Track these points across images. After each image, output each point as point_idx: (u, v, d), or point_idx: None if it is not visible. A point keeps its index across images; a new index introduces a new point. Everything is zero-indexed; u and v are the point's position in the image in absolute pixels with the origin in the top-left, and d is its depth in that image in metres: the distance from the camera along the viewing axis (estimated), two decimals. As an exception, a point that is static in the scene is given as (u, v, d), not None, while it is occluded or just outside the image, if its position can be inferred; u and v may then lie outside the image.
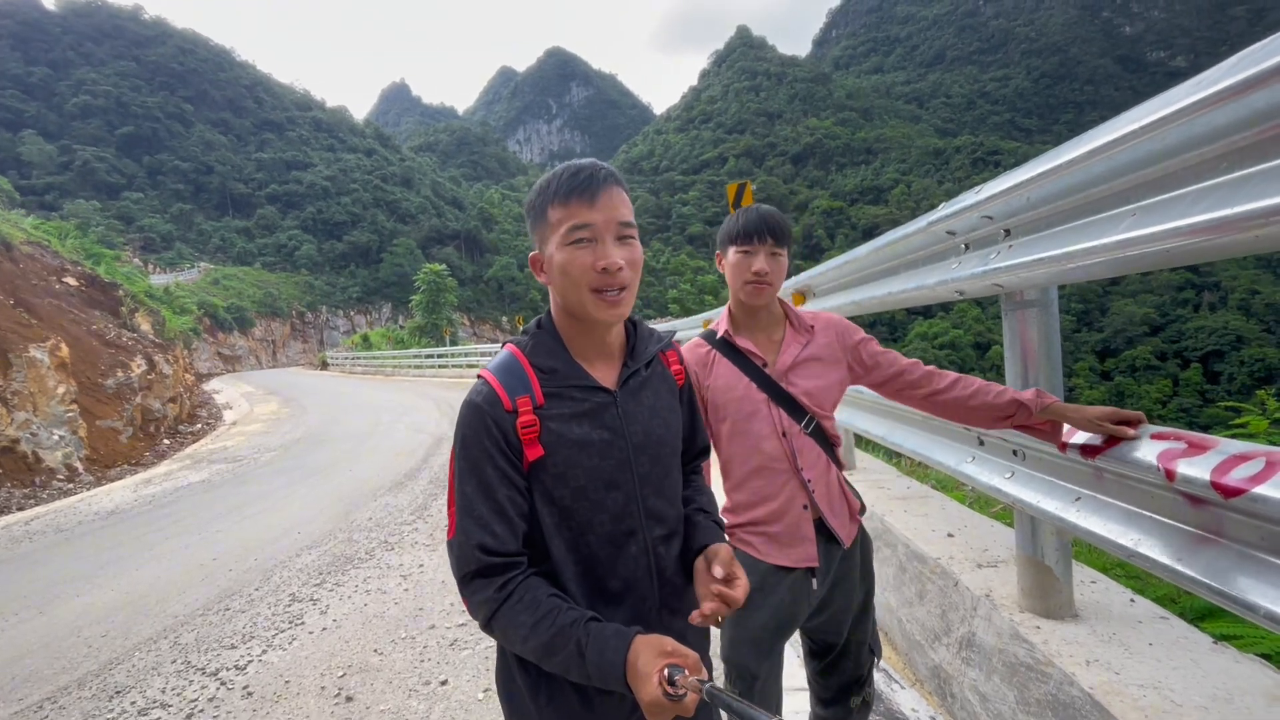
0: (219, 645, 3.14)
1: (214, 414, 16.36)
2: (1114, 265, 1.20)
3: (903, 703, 2.02)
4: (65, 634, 3.50)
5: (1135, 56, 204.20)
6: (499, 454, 0.89)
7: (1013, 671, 1.62)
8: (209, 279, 63.60)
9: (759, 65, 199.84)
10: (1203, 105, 0.92)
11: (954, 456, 1.92)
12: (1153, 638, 1.55)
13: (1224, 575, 0.98)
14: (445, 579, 3.77)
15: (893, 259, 2.28)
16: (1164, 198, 1.05)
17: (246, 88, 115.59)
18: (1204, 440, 1.02)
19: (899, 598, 2.33)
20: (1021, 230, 1.54)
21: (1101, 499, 1.30)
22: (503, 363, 0.96)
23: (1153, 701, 1.31)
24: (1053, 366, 1.63)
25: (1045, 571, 1.70)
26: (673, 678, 0.76)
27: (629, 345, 1.01)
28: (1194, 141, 0.98)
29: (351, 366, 34.95)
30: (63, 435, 9.67)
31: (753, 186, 5.22)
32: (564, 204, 0.89)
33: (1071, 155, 1.23)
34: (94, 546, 5.36)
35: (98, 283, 16.07)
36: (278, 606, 3.58)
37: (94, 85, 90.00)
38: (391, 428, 10.93)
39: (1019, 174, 1.46)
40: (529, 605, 0.86)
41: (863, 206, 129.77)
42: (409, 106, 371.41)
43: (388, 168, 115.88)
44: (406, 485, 6.46)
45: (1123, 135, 1.08)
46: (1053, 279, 1.47)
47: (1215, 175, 0.95)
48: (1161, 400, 63.21)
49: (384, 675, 2.67)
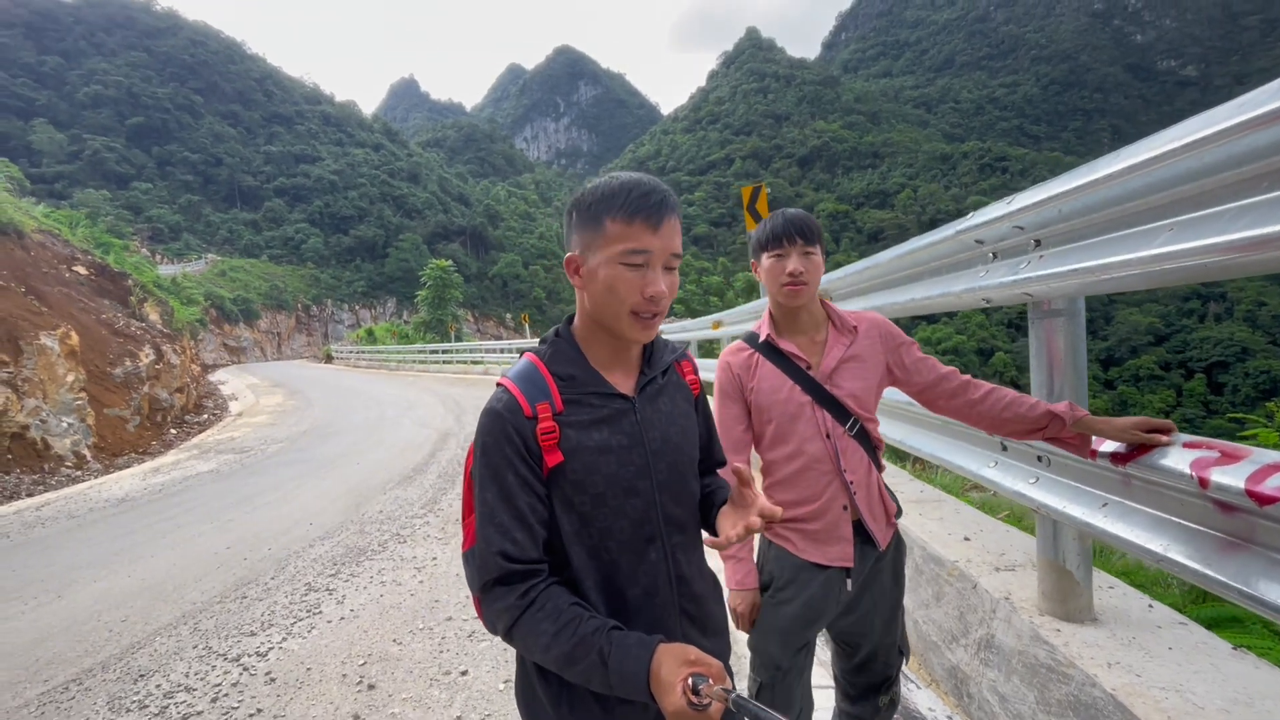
0: (239, 632, 3.18)
1: (220, 405, 16.44)
2: (1149, 278, 1.23)
3: (919, 702, 2.06)
4: (85, 618, 3.55)
5: (1146, 65, 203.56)
6: (519, 461, 0.89)
7: (1033, 673, 1.66)
8: (216, 270, 63.90)
9: (767, 67, 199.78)
10: (1246, 127, 0.95)
11: (975, 461, 1.95)
12: (1172, 642, 1.58)
13: (1254, 580, 1.01)
14: (460, 572, 3.80)
15: (916, 265, 2.32)
16: (1202, 214, 1.09)
17: (256, 81, 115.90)
18: (1237, 449, 1.06)
19: (915, 599, 2.36)
20: (1053, 241, 1.57)
21: (1130, 505, 1.33)
22: (522, 371, 0.96)
23: (1175, 704, 1.35)
24: (1079, 376, 1.66)
25: (1066, 575, 1.73)
26: (697, 687, 0.75)
27: (645, 353, 1.01)
28: (1235, 160, 1.01)
29: (356, 360, 35.05)
30: (71, 423, 9.74)
31: (768, 189, 5.25)
32: (627, 222, 0.87)
33: (1109, 170, 1.26)
34: (107, 533, 5.41)
35: (107, 272, 16.16)
36: (294, 595, 3.62)
37: (105, 75, 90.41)
38: (397, 422, 10.97)
39: (1052, 187, 1.49)
40: (551, 614, 0.86)
41: (869, 210, 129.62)
42: (417, 102, 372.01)
43: (395, 163, 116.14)
44: (415, 479, 6.50)
45: (1164, 153, 1.11)
46: (1083, 290, 1.50)
47: (1255, 194, 0.99)
48: (1165, 410, 63.00)
49: (404, 665, 2.71)
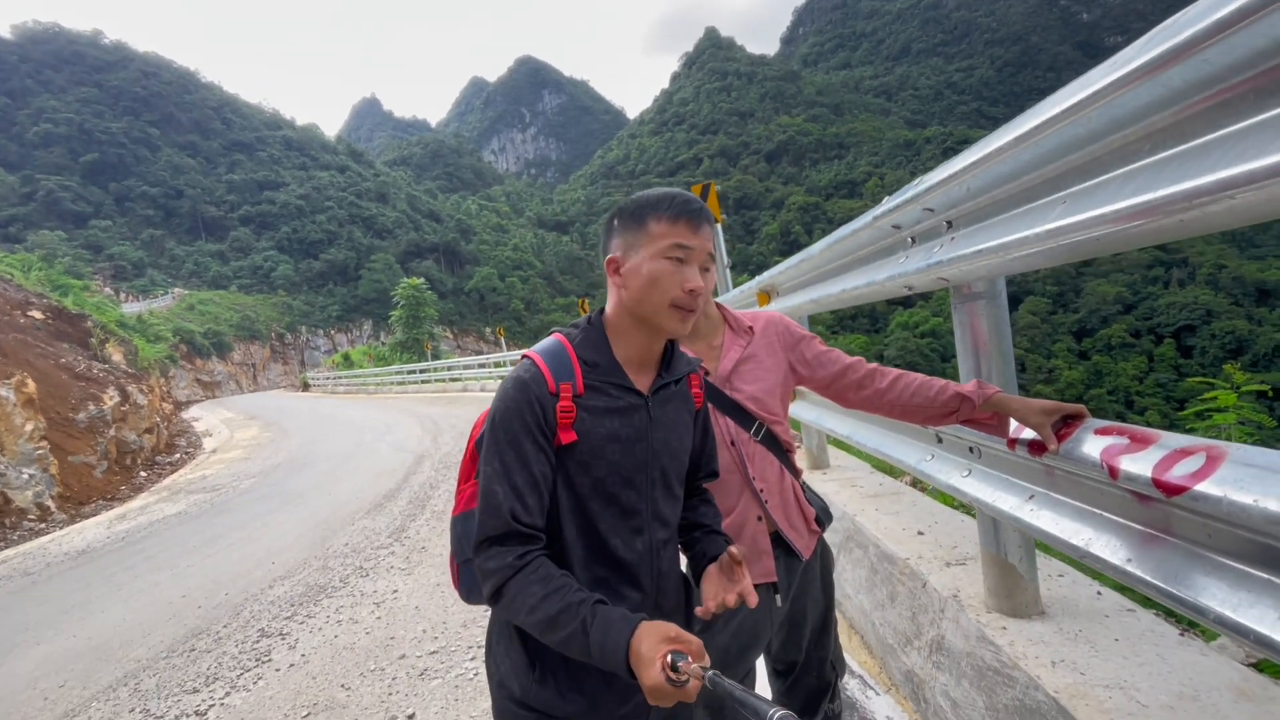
0: (180, 690, 3.01)
1: (193, 442, 15.99)
2: (1051, 255, 1.15)
3: (877, 710, 1.96)
4: (21, 687, 3.35)
5: (1094, 42, 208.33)
6: (538, 430, 0.93)
7: (981, 675, 1.57)
8: (184, 305, 62.49)
9: (729, 65, 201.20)
10: (1120, 85, 0.87)
11: (914, 455, 1.87)
12: (1119, 632, 1.51)
13: (1174, 576, 0.93)
14: (419, 604, 3.66)
15: (845, 255, 2.23)
16: (1092, 183, 1.01)
17: (214, 109, 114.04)
18: (1146, 434, 0.97)
19: (872, 600, 2.27)
20: (963, 221, 1.49)
21: (1054, 497, 1.25)
22: (550, 348, 1.00)
23: (1118, 703, 1.27)
24: (1004, 359, 1.59)
25: (1009, 569, 1.65)
26: (675, 664, 0.77)
27: (665, 359, 1.06)
28: (1116, 124, 0.93)
29: (334, 387, 34.48)
30: (33, 474, 9.35)
31: (717, 188, 5.18)
32: (672, 222, 0.96)
33: (1001, 142, 1.18)
34: (60, 590, 5.17)
35: (65, 314, 15.70)
36: (245, 644, 3.45)
37: (55, 113, 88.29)
38: (374, 447, 10.76)
39: (955, 163, 1.41)
40: (542, 578, 0.89)
41: (838, 201, 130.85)
42: (381, 121, 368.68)
43: (362, 183, 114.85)
44: (385, 506, 6.33)
45: (1048, 119, 1.03)
46: (995, 270, 1.42)
47: (1139, 159, 0.91)
48: (1138, 377, 64.30)
49: (350, 712, 2.57)
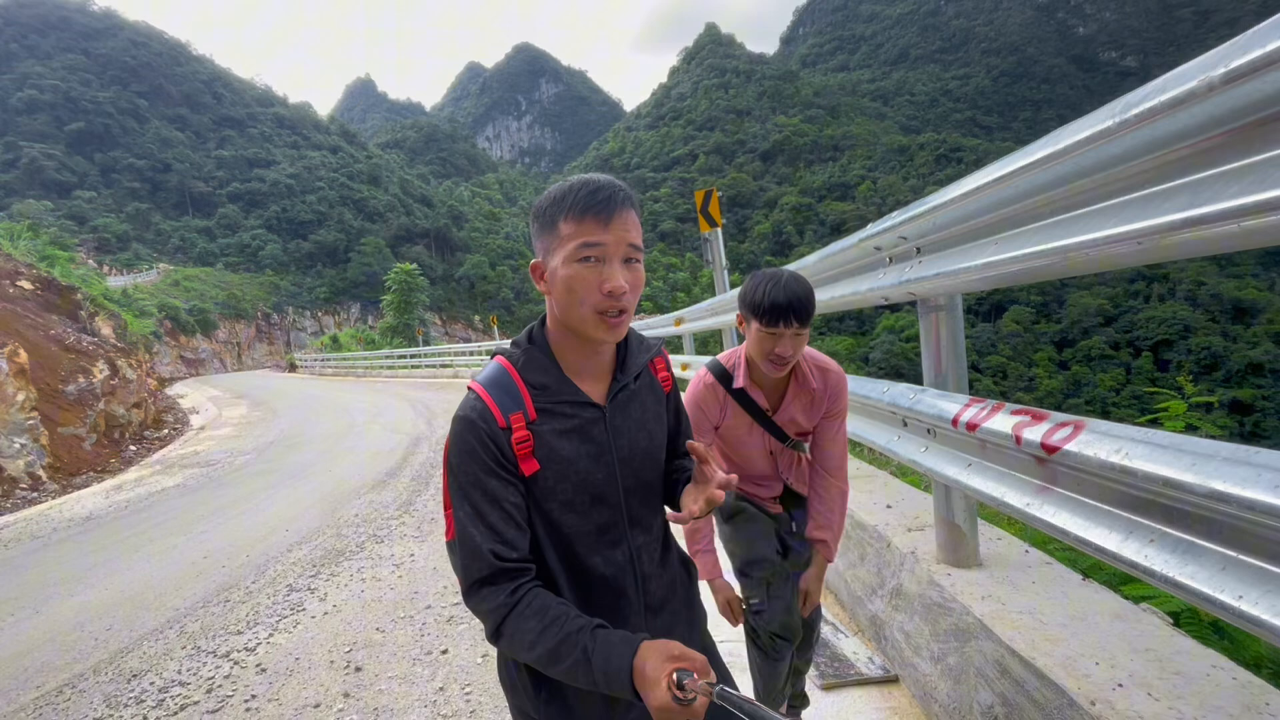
0: (225, 631, 3.34)
1: (180, 419, 16.05)
2: (984, 281, 1.55)
3: (846, 648, 2.37)
4: (69, 629, 3.64)
5: (1089, 56, 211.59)
6: (498, 466, 0.91)
7: (928, 610, 1.98)
8: (169, 280, 61.74)
9: (728, 63, 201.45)
10: (1029, 169, 1.26)
11: (883, 436, 2.27)
12: (1036, 577, 1.91)
13: (1052, 512, 1.32)
14: (438, 565, 4.00)
15: (835, 267, 2.63)
16: (1013, 232, 1.40)
17: (204, 83, 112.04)
18: (1041, 413, 1.36)
19: (845, 561, 2.68)
20: (929, 249, 1.88)
21: (984, 463, 1.64)
22: (493, 377, 0.96)
23: (1027, 623, 1.67)
24: (959, 360, 1.98)
25: (956, 529, 2.05)
26: (681, 682, 0.76)
27: (619, 359, 1.02)
28: (1028, 193, 1.32)
29: (321, 368, 34.41)
30: (24, 443, 9.50)
31: (719, 193, 5.53)
32: (578, 220, 0.88)
33: (955, 194, 1.57)
34: (76, 551, 5.39)
35: (54, 286, 15.65)
36: (277, 596, 3.78)
37: (40, 79, 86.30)
38: (367, 429, 10.93)
39: (926, 203, 1.80)
40: (537, 611, 0.87)
41: (830, 203, 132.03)
42: (375, 103, 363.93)
43: (354, 165, 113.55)
44: (389, 483, 6.60)
45: (983, 184, 1.42)
46: (952, 289, 1.82)
47: (1040, 220, 1.30)
48: (1115, 388, 65.94)
49: (388, 649, 2.93)
